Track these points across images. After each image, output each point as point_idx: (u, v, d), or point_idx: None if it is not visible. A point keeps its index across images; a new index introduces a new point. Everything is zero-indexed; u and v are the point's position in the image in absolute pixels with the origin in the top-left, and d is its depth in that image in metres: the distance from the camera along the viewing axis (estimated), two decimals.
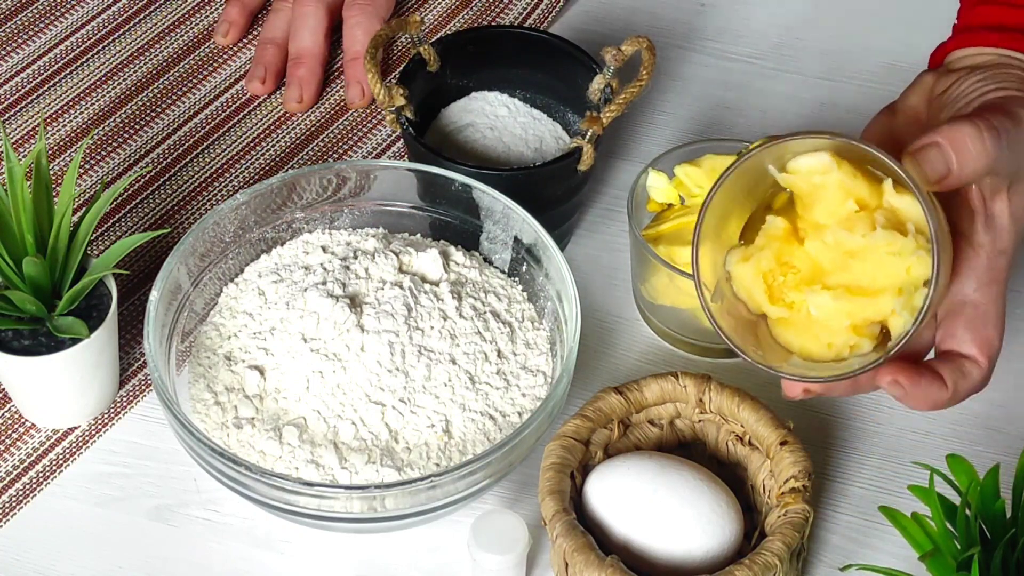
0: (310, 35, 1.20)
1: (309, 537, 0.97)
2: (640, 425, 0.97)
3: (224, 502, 0.99)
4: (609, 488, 0.93)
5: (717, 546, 0.91)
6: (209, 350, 1.00)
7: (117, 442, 1.02)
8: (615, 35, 1.24)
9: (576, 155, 1.05)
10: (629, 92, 1.05)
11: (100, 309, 0.99)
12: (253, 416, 0.96)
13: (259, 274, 1.03)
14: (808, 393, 0.86)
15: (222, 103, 1.20)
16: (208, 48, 1.24)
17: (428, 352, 0.97)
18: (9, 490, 0.99)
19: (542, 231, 1.00)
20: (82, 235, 0.97)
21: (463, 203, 1.03)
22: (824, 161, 0.82)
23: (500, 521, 0.91)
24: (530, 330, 1.01)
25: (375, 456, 0.94)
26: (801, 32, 1.15)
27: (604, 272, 1.10)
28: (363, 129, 1.19)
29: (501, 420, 0.97)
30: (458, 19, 1.27)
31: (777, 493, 0.92)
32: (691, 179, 1.02)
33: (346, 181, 1.04)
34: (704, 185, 1.02)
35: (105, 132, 1.18)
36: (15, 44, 1.23)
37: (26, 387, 1.00)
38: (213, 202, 1.14)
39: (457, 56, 1.11)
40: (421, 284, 1.00)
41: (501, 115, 1.12)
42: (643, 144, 1.18)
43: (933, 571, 0.82)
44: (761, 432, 0.94)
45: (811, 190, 0.83)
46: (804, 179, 0.83)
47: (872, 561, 0.96)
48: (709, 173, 1.02)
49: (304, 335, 0.98)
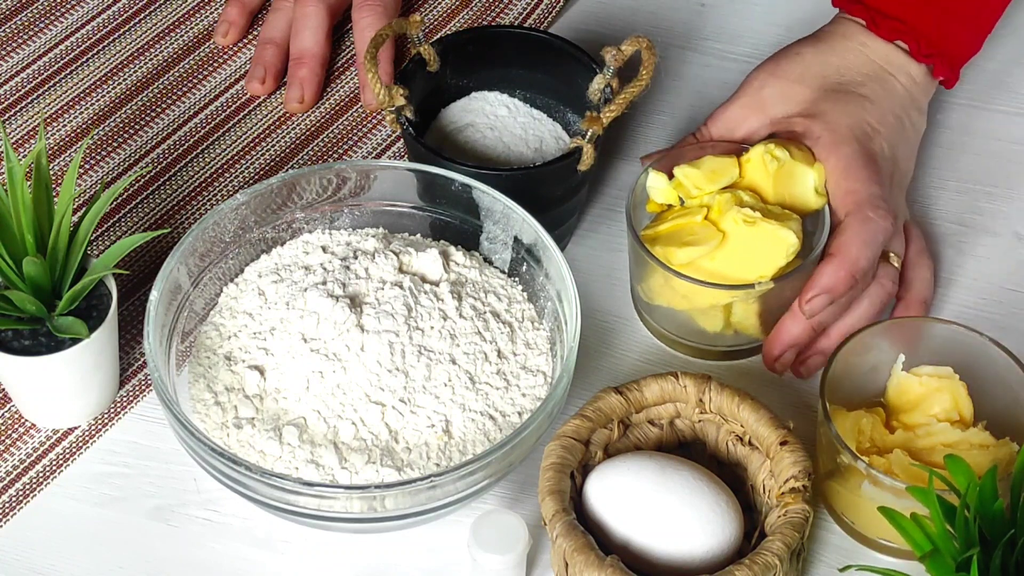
0: (311, 35, 1.20)
1: (309, 537, 0.97)
2: (640, 425, 0.97)
3: (224, 502, 0.99)
4: (609, 488, 0.93)
5: (717, 546, 0.91)
6: (209, 350, 1.00)
7: (117, 442, 1.02)
8: (615, 35, 1.24)
9: (576, 155, 1.05)
10: (629, 92, 1.05)
11: (100, 309, 0.99)
12: (253, 416, 0.96)
13: (259, 274, 1.03)
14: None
15: (222, 103, 1.20)
16: (208, 48, 1.24)
17: (428, 352, 0.97)
18: (9, 490, 0.99)
19: (542, 231, 1.00)
20: (82, 235, 0.97)
21: (463, 203, 1.03)
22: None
23: (500, 521, 0.91)
24: (530, 330, 1.01)
25: (375, 456, 0.94)
26: (801, 32, 1.14)
27: (604, 272, 1.10)
28: (363, 129, 1.19)
29: (501, 420, 0.97)
30: (458, 19, 1.27)
31: (777, 493, 0.92)
32: (690, 180, 1.03)
33: (346, 181, 1.04)
34: (703, 186, 1.03)
35: (105, 132, 1.18)
36: (15, 44, 1.23)
37: (26, 387, 1.00)
38: (213, 202, 1.14)
39: (457, 56, 1.11)
40: (421, 284, 1.00)
41: (501, 115, 1.12)
42: (643, 144, 1.18)
43: (932, 572, 0.82)
44: (761, 432, 0.94)
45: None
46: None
47: (872, 561, 0.96)
48: (708, 175, 1.03)
49: (304, 335, 0.98)
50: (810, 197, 1.03)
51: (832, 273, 0.99)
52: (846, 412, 0.97)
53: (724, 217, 1.01)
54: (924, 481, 0.86)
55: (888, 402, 0.99)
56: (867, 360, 0.98)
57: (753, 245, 1.00)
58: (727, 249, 1.00)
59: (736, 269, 1.00)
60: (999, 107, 1.20)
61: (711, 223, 1.01)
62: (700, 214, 1.02)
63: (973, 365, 0.97)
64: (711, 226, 1.01)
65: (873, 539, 0.96)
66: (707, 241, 1.00)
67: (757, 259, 1.00)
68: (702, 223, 1.02)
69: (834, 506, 0.98)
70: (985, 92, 1.21)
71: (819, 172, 1.03)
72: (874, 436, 0.97)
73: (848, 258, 0.99)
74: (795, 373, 1.04)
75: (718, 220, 1.01)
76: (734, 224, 1.00)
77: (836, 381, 0.96)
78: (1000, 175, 1.16)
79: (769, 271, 1.00)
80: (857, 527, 0.97)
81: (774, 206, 1.03)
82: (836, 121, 1.04)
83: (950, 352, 0.98)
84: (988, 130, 1.19)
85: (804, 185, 1.03)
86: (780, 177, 1.03)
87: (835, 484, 0.96)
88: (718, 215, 1.01)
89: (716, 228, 1.01)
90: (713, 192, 1.03)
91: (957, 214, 1.14)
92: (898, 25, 1.06)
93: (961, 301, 1.09)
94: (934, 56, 1.06)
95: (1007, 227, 1.13)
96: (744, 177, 1.04)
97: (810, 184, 1.03)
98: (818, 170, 1.03)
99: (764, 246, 1.00)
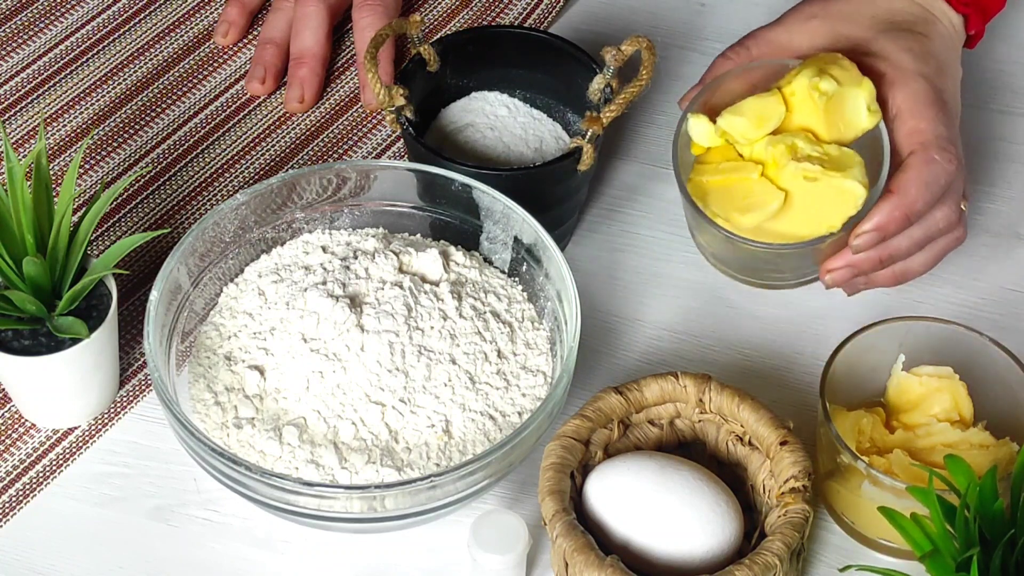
0: (312, 35, 1.20)
1: (309, 537, 0.97)
2: (640, 425, 0.97)
3: (224, 502, 0.99)
4: (609, 488, 0.93)
5: (717, 546, 0.91)
6: (209, 350, 1.00)
7: (117, 442, 1.02)
8: (615, 35, 1.24)
9: (576, 155, 1.05)
10: (629, 92, 1.05)
11: (100, 309, 0.99)
12: (253, 416, 0.96)
13: (259, 274, 1.03)
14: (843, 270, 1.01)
15: (222, 103, 1.20)
16: (208, 48, 1.24)
17: (428, 352, 0.97)
18: (9, 490, 0.99)
19: (542, 231, 1.00)
20: (82, 235, 0.97)
21: (463, 203, 1.03)
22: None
23: (500, 521, 0.91)
24: (530, 330, 1.01)
25: (375, 456, 0.94)
26: None
27: (604, 272, 1.10)
28: (363, 129, 1.19)
29: (501, 420, 0.97)
30: (458, 19, 1.27)
31: (777, 493, 0.92)
32: (737, 131, 1.00)
33: (346, 181, 1.04)
34: (751, 135, 1.00)
35: (105, 132, 1.18)
36: (15, 44, 1.23)
37: (26, 387, 1.00)
38: (213, 202, 1.14)
39: (457, 56, 1.11)
40: (421, 284, 1.00)
41: (501, 115, 1.12)
42: (643, 144, 1.18)
43: (932, 572, 0.82)
44: (761, 432, 0.94)
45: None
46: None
47: (872, 561, 0.96)
48: (755, 121, 1.00)
49: (304, 335, 0.98)
50: (863, 118, 0.99)
51: (888, 212, 0.98)
52: (846, 412, 0.97)
53: (782, 173, 0.98)
54: (924, 481, 0.86)
55: (888, 402, 0.99)
56: (867, 360, 0.98)
57: (819, 200, 0.97)
58: (792, 208, 0.98)
59: (804, 226, 0.98)
60: (999, 107, 1.20)
61: (769, 179, 0.99)
62: (756, 171, 0.99)
63: (973, 365, 0.97)
64: (769, 184, 0.99)
65: (873, 539, 0.96)
66: (770, 203, 0.98)
67: (824, 213, 0.98)
68: (760, 180, 0.99)
69: (834, 506, 0.98)
70: (985, 92, 1.21)
71: (868, 89, 0.99)
72: (874, 436, 0.97)
73: (907, 198, 0.98)
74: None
75: (776, 177, 0.98)
76: (795, 181, 0.97)
77: (836, 381, 0.96)
78: (1000, 175, 1.16)
79: (838, 222, 0.98)
80: (857, 527, 0.97)
81: (831, 145, 0.99)
82: (898, 57, 1.02)
83: (950, 352, 0.98)
84: (988, 130, 1.19)
85: (856, 108, 0.99)
86: (830, 108, 1.00)
87: (835, 484, 0.96)
88: (775, 170, 0.98)
89: (775, 186, 0.98)
90: (762, 140, 0.99)
91: None
92: None
93: (961, 301, 1.09)
94: (971, 5, 1.06)
95: (1007, 227, 1.13)
96: (792, 112, 1.00)
97: (862, 106, 0.99)
98: (867, 87, 0.99)
99: (831, 200, 0.97)
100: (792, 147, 0.99)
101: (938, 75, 1.02)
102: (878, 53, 1.03)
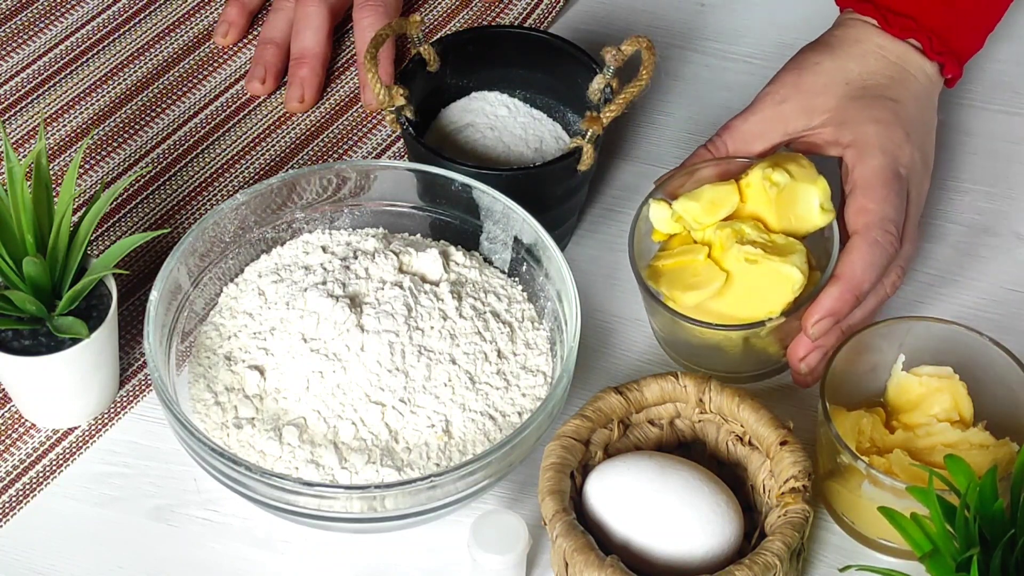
0: (313, 35, 1.20)
1: (309, 537, 0.97)
2: (640, 425, 0.97)
3: (224, 502, 0.99)
4: (609, 488, 0.93)
5: (717, 546, 0.91)
6: (209, 350, 1.00)
7: (117, 442, 1.02)
8: (615, 35, 1.24)
9: (576, 155, 1.05)
10: (629, 92, 1.05)
11: (100, 309, 0.99)
12: (253, 416, 0.96)
13: (259, 274, 1.03)
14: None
15: (222, 103, 1.20)
16: (208, 48, 1.24)
17: (428, 352, 0.97)
18: (9, 490, 0.99)
19: (542, 231, 1.00)
20: (82, 235, 0.97)
21: (463, 203, 1.03)
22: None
23: (500, 521, 0.91)
24: (530, 330, 1.01)
25: (375, 456, 0.94)
26: (801, 32, 1.14)
27: (604, 272, 1.10)
28: (363, 129, 1.19)
29: (501, 420, 0.97)
30: (458, 19, 1.27)
31: (777, 493, 0.92)
32: (689, 214, 1.01)
33: (346, 181, 1.04)
34: (702, 220, 1.01)
35: (105, 132, 1.18)
36: (15, 44, 1.23)
37: (26, 387, 1.00)
38: (213, 202, 1.14)
39: (457, 56, 1.11)
40: (421, 284, 1.00)
41: (501, 115, 1.12)
42: (643, 144, 1.18)
43: (932, 572, 0.82)
44: (761, 432, 0.94)
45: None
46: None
47: (872, 561, 0.96)
48: (707, 207, 1.00)
49: (304, 335, 0.98)
50: (815, 215, 1.01)
51: (838, 296, 0.98)
52: (846, 412, 0.97)
53: (726, 255, 0.99)
54: (924, 481, 0.86)
55: (888, 402, 0.99)
56: (867, 360, 0.98)
57: (758, 283, 0.98)
58: (733, 289, 0.99)
59: (744, 308, 0.99)
60: (999, 107, 1.20)
61: (714, 262, 1.00)
62: (702, 253, 1.00)
63: (973, 365, 0.97)
64: (714, 265, 0.99)
65: (873, 539, 0.96)
66: (711, 283, 0.98)
67: (764, 296, 0.98)
68: (705, 262, 1.00)
69: (834, 506, 0.98)
70: (985, 92, 1.21)
71: (822, 189, 1.01)
72: (874, 436, 0.97)
73: (853, 281, 0.99)
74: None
75: (720, 259, 0.99)
76: (737, 263, 0.98)
77: (836, 381, 0.96)
78: (1000, 175, 1.16)
79: (778, 307, 0.98)
80: (857, 527, 0.97)
81: (778, 234, 1.00)
82: (863, 130, 1.03)
83: (950, 352, 0.98)
84: (988, 130, 1.19)
85: (808, 205, 1.01)
86: (782, 201, 1.01)
87: (835, 484, 0.96)
88: (720, 253, 0.99)
89: (719, 267, 0.99)
90: (713, 225, 1.00)
91: (957, 214, 1.14)
92: (910, 23, 1.06)
93: (961, 301, 1.09)
94: (945, 54, 1.06)
95: (1007, 227, 1.13)
96: (746, 202, 1.02)
97: (814, 203, 1.01)
98: (821, 187, 1.01)
99: (769, 283, 0.98)
100: (738, 231, 1.00)
101: (903, 145, 1.03)
102: (846, 122, 1.04)
